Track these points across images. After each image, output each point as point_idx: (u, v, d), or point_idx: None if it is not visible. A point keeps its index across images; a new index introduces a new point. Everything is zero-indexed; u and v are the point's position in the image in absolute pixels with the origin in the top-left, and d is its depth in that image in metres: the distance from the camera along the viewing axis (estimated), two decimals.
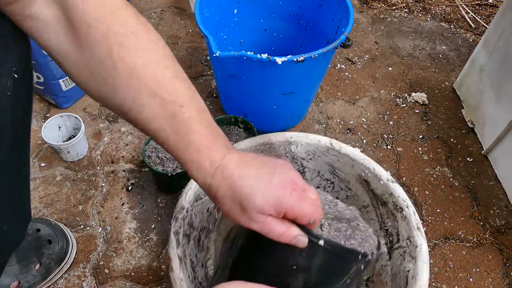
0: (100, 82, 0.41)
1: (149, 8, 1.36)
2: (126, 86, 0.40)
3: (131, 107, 0.41)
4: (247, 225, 0.42)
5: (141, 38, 0.41)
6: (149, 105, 0.41)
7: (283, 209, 0.41)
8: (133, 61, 0.40)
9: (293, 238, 0.42)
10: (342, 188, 0.77)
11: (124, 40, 0.40)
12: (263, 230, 0.41)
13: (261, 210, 0.40)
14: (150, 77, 0.40)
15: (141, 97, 0.40)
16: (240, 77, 0.85)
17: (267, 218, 0.41)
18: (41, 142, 0.97)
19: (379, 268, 0.68)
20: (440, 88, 1.20)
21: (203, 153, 0.42)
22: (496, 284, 0.81)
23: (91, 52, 0.39)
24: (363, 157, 0.71)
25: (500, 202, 0.94)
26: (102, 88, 0.41)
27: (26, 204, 0.53)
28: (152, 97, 0.40)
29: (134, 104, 0.41)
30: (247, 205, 0.40)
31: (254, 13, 1.03)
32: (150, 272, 0.78)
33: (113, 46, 0.39)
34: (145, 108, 0.41)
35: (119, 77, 0.40)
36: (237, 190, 0.41)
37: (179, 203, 0.63)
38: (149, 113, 0.41)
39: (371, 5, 1.48)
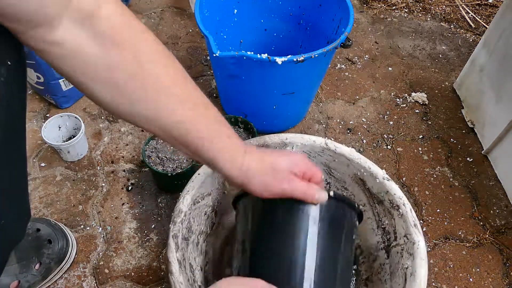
0: (130, 97, 0.44)
1: (149, 8, 1.36)
2: (156, 96, 0.45)
3: (161, 112, 0.46)
4: (278, 188, 0.50)
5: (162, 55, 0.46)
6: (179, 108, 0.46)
7: (303, 169, 0.52)
8: (160, 75, 0.45)
9: (315, 192, 0.51)
10: (338, 188, 0.77)
11: (150, 57, 0.44)
12: (291, 188, 0.50)
13: (290, 168, 0.50)
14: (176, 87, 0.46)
15: (171, 102, 0.46)
16: (240, 77, 0.85)
17: (294, 178, 0.50)
18: (41, 142, 0.97)
19: (378, 267, 0.68)
20: (440, 88, 1.20)
21: (233, 140, 0.50)
22: (496, 284, 0.81)
23: (123, 71, 0.43)
24: (358, 156, 0.71)
25: (500, 202, 0.94)
26: (133, 101, 0.45)
27: (25, 198, 0.53)
28: (183, 103, 0.47)
29: (164, 110, 0.46)
30: (279, 167, 0.50)
31: (254, 13, 1.03)
32: (150, 272, 0.78)
33: (143, 63, 0.43)
34: (176, 111, 0.46)
35: (150, 88, 0.44)
36: (267, 160, 0.51)
37: (177, 207, 0.63)
38: (180, 115, 0.46)
39: (371, 5, 1.48)
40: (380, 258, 0.68)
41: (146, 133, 1.01)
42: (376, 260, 0.69)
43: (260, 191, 0.51)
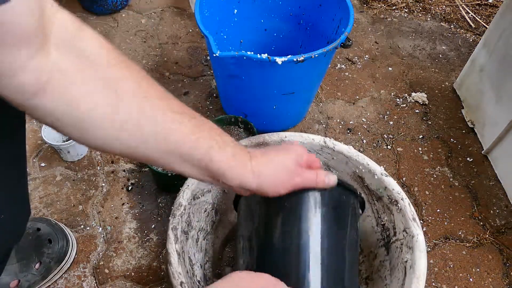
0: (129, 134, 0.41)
1: (149, 8, 1.36)
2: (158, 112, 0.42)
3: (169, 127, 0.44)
4: (291, 184, 0.52)
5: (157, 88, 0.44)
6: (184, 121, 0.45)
7: (305, 159, 0.54)
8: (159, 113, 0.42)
9: (324, 178, 0.54)
10: None
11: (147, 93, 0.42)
12: (303, 180, 0.53)
13: (297, 162, 0.52)
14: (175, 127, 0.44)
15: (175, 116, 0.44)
16: (240, 77, 0.85)
17: (303, 170, 0.53)
18: (41, 142, 0.97)
19: (378, 265, 0.68)
20: (440, 88, 1.20)
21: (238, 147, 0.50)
22: (496, 284, 0.81)
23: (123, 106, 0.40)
24: (356, 154, 0.71)
25: (500, 202, 0.94)
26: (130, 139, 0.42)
27: (24, 195, 0.53)
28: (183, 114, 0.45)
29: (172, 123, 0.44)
30: (288, 163, 0.52)
31: (254, 13, 1.03)
32: (150, 272, 0.78)
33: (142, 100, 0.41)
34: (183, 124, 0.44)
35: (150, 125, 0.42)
36: (275, 160, 0.51)
37: (177, 201, 0.63)
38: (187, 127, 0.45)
39: (371, 5, 1.48)
40: (380, 256, 0.68)
41: None
42: (376, 258, 0.69)
43: (276, 191, 0.51)
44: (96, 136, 0.40)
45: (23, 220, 0.54)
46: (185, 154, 0.45)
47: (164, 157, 0.45)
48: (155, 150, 0.44)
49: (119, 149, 0.43)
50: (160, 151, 0.44)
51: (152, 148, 0.43)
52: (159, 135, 0.43)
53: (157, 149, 0.44)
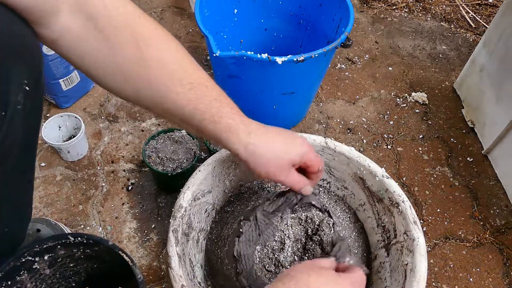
0: (134, 81, 0.46)
1: (149, 8, 1.36)
2: (160, 80, 0.46)
3: (166, 96, 0.47)
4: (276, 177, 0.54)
5: (162, 37, 0.47)
6: (182, 92, 0.47)
7: (305, 158, 0.56)
8: (161, 57, 0.46)
9: (302, 186, 0.58)
10: (339, 187, 0.77)
11: (150, 40, 0.45)
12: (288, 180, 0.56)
13: (292, 161, 0.54)
14: (178, 69, 0.47)
15: (174, 85, 0.47)
16: (240, 77, 0.85)
17: (292, 172, 0.56)
18: (41, 142, 0.97)
19: (378, 266, 0.68)
20: (440, 88, 1.20)
21: (237, 120, 0.51)
22: (496, 284, 0.81)
23: (123, 55, 0.44)
24: (357, 155, 0.71)
25: (500, 202, 0.94)
26: (137, 86, 0.46)
27: (29, 206, 0.54)
28: (183, 84, 0.47)
29: (169, 93, 0.47)
30: (283, 157, 0.53)
31: (254, 13, 1.03)
32: (150, 272, 0.78)
33: (141, 46, 0.44)
34: (180, 94, 0.47)
35: (152, 72, 0.45)
36: (273, 147, 0.53)
37: (177, 202, 0.63)
38: (184, 98, 0.47)
39: (371, 5, 1.48)
40: (380, 257, 0.68)
41: (147, 133, 1.01)
42: (376, 259, 0.69)
43: (259, 174, 0.54)
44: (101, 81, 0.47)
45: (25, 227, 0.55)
46: (180, 121, 0.50)
47: (163, 114, 0.50)
48: (153, 108, 0.49)
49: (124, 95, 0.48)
50: (158, 110, 0.49)
51: (151, 106, 0.49)
52: (155, 100, 0.47)
53: (155, 108, 0.49)
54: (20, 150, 0.42)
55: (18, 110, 0.38)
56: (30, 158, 0.47)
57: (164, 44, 0.47)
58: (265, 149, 0.53)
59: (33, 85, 0.40)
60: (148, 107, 0.50)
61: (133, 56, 0.44)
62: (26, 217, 0.54)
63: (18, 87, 0.38)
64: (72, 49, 0.43)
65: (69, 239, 0.56)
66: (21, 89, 0.38)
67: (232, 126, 0.51)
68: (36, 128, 0.46)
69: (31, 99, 0.40)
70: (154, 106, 0.49)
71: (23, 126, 0.41)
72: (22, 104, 0.39)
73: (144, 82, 0.46)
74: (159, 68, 0.46)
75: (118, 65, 0.44)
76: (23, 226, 0.54)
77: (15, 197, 0.47)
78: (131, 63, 0.45)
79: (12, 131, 0.39)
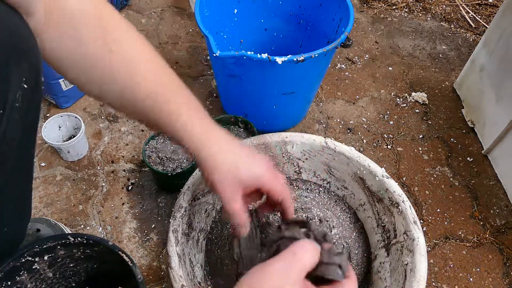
0: (98, 72, 0.45)
1: (149, 8, 1.36)
2: (123, 69, 0.45)
3: (126, 85, 0.46)
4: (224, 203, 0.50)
5: (129, 31, 0.47)
6: (144, 84, 0.47)
7: (260, 183, 0.50)
8: (127, 52, 0.46)
9: (242, 222, 0.51)
10: (339, 187, 0.77)
11: (117, 35, 0.45)
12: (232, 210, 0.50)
13: (247, 185, 0.50)
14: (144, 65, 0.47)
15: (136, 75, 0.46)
16: (240, 77, 0.85)
17: (238, 203, 0.50)
18: (41, 142, 0.97)
19: (378, 266, 0.68)
20: (440, 88, 1.20)
21: (205, 128, 0.49)
22: (496, 284, 0.81)
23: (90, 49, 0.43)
24: (357, 155, 0.71)
25: (500, 202, 0.94)
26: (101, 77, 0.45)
27: (28, 206, 0.54)
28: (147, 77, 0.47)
29: (130, 83, 0.46)
30: (236, 174, 0.49)
31: (254, 12, 1.03)
32: (150, 272, 0.78)
33: (108, 40, 0.44)
34: (140, 85, 0.46)
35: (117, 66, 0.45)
36: (231, 155, 0.50)
37: (177, 202, 0.63)
38: (145, 90, 0.46)
39: (371, 4, 1.48)
40: (380, 257, 0.68)
41: (147, 133, 1.01)
42: (376, 259, 0.69)
43: (212, 189, 0.51)
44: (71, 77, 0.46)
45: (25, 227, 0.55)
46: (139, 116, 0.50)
47: (123, 107, 0.49)
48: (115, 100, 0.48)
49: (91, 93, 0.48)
50: (119, 103, 0.48)
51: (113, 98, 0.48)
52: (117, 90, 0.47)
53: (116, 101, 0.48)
54: (18, 148, 0.42)
55: (16, 108, 0.38)
56: (29, 157, 0.47)
57: (131, 38, 0.47)
58: (223, 156, 0.50)
59: (32, 83, 0.40)
60: (113, 105, 0.49)
61: (98, 50, 0.44)
62: (25, 216, 0.54)
63: (16, 86, 0.38)
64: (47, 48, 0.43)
65: (69, 239, 0.56)
66: (19, 87, 0.38)
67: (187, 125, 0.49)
68: (34, 127, 0.45)
69: (30, 98, 0.40)
70: (116, 98, 0.47)
71: (22, 124, 0.41)
72: (20, 102, 0.39)
73: (108, 76, 0.45)
74: (124, 63, 0.46)
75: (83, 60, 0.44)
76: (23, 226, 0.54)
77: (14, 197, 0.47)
78: (96, 57, 0.44)
79: (10, 130, 0.39)
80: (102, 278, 0.64)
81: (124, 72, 0.46)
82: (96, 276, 0.64)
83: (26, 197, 0.51)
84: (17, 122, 0.39)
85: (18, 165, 0.44)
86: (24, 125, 0.42)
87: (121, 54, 0.45)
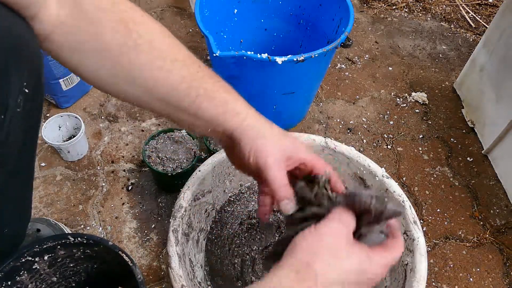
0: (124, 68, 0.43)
1: (149, 8, 1.36)
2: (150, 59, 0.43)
3: (158, 76, 0.44)
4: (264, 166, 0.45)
5: (147, 18, 0.45)
6: (174, 68, 0.44)
7: (302, 157, 0.47)
8: (149, 37, 0.43)
9: (288, 195, 0.45)
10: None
11: (137, 22, 0.43)
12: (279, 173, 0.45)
13: (287, 156, 0.46)
14: (168, 47, 0.45)
15: (165, 64, 0.44)
16: (240, 77, 0.85)
17: (281, 169, 0.45)
18: (41, 142, 0.97)
19: None
20: (440, 88, 1.20)
21: (234, 95, 0.48)
22: (496, 284, 0.81)
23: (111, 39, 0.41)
24: (357, 155, 0.71)
25: (500, 202, 0.94)
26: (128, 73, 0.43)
27: (28, 207, 0.54)
28: (175, 62, 0.45)
29: (160, 72, 0.44)
30: (276, 148, 0.46)
31: (254, 13, 1.03)
32: (150, 272, 0.78)
33: (130, 26, 0.42)
34: (172, 72, 0.44)
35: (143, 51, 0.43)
36: (271, 129, 0.48)
37: (178, 202, 0.63)
38: (177, 76, 0.44)
39: (371, 4, 1.48)
40: None
41: (147, 133, 1.01)
42: None
43: (248, 160, 0.46)
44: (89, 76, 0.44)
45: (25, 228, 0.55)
46: (173, 107, 0.46)
47: (154, 103, 0.46)
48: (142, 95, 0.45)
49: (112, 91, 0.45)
50: (150, 97, 0.45)
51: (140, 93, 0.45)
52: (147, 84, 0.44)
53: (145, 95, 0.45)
54: (19, 151, 0.42)
55: (18, 112, 0.38)
56: (29, 158, 0.47)
57: (150, 25, 0.45)
58: (263, 130, 0.47)
59: (33, 87, 0.40)
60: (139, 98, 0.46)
61: (122, 39, 0.42)
62: (25, 217, 0.54)
63: (17, 90, 0.38)
64: (62, 43, 0.41)
65: (69, 239, 0.56)
66: (20, 91, 0.38)
67: (228, 100, 0.47)
68: (36, 130, 0.45)
69: (31, 101, 0.40)
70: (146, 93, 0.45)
71: (23, 128, 0.41)
72: (22, 106, 0.38)
73: (135, 67, 0.43)
74: (148, 48, 0.43)
75: (105, 50, 0.42)
76: (23, 226, 0.54)
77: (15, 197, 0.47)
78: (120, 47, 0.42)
79: (12, 134, 0.39)
80: (102, 278, 0.64)
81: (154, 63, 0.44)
82: (96, 276, 0.64)
83: (26, 197, 0.51)
84: (18, 126, 0.39)
85: (19, 167, 0.44)
86: (26, 128, 0.41)
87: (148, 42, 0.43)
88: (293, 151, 0.47)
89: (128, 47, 0.42)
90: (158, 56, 0.44)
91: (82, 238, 0.56)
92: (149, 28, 0.44)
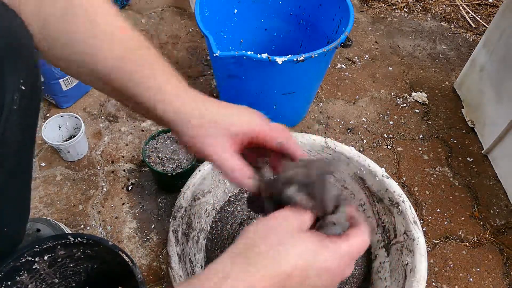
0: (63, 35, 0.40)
1: (149, 8, 1.36)
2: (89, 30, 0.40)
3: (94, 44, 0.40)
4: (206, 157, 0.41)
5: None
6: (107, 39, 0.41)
7: (251, 129, 0.43)
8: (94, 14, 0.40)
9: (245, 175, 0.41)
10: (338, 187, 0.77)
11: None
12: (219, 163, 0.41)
13: (235, 132, 0.42)
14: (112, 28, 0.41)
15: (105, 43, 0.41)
16: (240, 77, 0.85)
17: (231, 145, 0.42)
18: (41, 142, 0.97)
19: (378, 266, 0.68)
20: (440, 88, 1.20)
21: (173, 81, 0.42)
22: (496, 284, 0.81)
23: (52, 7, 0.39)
24: (357, 155, 0.71)
25: (500, 202, 0.94)
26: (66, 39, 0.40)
27: (27, 206, 0.54)
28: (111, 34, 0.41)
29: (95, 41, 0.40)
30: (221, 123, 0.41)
31: (254, 13, 1.03)
32: (150, 272, 0.78)
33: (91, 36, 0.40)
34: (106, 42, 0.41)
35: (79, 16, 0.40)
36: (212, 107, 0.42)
37: (177, 202, 0.63)
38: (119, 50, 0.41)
39: (371, 4, 1.48)
40: (380, 257, 0.68)
41: (147, 133, 1.01)
42: (376, 259, 0.69)
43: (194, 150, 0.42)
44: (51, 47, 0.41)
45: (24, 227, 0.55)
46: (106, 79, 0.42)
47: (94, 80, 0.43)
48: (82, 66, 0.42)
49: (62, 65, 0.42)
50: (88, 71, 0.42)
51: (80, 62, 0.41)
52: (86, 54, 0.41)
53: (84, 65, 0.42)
54: (18, 150, 0.42)
55: (14, 110, 0.38)
56: (28, 158, 0.47)
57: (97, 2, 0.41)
58: (197, 112, 0.41)
59: (30, 85, 0.39)
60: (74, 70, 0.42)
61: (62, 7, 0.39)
62: (24, 217, 0.54)
63: (13, 87, 0.37)
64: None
65: (69, 239, 0.56)
66: (16, 88, 0.38)
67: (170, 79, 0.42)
68: (33, 128, 0.45)
69: (28, 99, 0.40)
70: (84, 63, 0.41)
71: (20, 126, 0.40)
72: (18, 104, 0.38)
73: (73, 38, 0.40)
74: (90, 20, 0.40)
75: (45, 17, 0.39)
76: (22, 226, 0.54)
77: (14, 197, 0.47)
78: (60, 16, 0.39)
79: (9, 132, 0.38)
80: (102, 278, 0.64)
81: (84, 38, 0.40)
82: (96, 276, 0.64)
83: (26, 197, 0.51)
84: (16, 124, 0.39)
85: (18, 166, 0.44)
86: (24, 127, 0.41)
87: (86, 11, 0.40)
88: (237, 126, 0.42)
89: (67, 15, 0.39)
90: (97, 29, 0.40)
91: (82, 238, 0.56)
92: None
